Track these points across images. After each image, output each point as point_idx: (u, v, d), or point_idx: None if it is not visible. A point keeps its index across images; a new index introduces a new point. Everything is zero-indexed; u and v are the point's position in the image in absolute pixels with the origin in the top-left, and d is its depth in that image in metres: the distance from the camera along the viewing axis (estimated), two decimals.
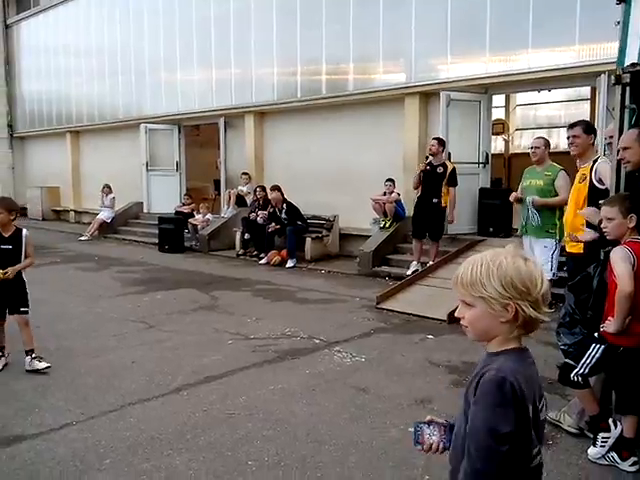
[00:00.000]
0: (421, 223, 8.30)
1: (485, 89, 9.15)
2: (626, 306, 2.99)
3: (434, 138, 8.46)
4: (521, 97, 15.58)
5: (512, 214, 8.73)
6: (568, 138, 4.71)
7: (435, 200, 8.17)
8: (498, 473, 1.38)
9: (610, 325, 3.09)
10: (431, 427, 1.60)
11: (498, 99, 12.25)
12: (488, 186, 9.44)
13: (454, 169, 8.17)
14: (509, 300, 1.39)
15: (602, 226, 3.30)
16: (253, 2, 11.91)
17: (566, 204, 5.61)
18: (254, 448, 3.40)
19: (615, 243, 3.22)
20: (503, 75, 8.53)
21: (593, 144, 4.77)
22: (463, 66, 9.09)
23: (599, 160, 4.45)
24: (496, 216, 8.67)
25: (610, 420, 3.31)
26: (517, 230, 8.08)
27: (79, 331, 5.88)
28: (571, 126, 4.73)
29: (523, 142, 17.01)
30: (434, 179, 8.14)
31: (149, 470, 3.14)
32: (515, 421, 1.35)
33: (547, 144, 6.11)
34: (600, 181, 4.34)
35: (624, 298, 2.97)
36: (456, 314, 1.52)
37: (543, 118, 16.78)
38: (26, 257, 4.73)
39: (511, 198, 6.39)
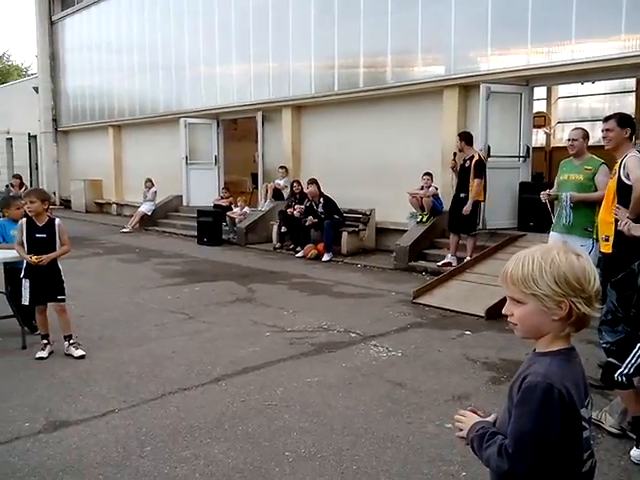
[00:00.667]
0: (453, 217, 8.29)
1: (526, 81, 8.97)
2: None
3: (458, 134, 8.36)
4: (563, 89, 15.19)
5: (553, 208, 8.55)
6: (603, 132, 4.51)
7: (462, 195, 8.11)
8: (537, 478, 1.37)
9: None
10: None
11: (539, 91, 11.98)
12: (529, 180, 9.27)
13: (479, 160, 8.04)
14: (563, 297, 1.35)
15: None
16: None
17: None
18: (291, 439, 3.44)
19: None
20: (545, 67, 8.35)
21: (631, 138, 4.46)
22: (504, 58, 8.93)
23: (629, 154, 4.26)
24: (537, 211, 8.48)
25: None
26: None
27: (121, 321, 6.03)
28: (606, 119, 4.51)
29: (565, 135, 16.60)
30: (463, 173, 8.11)
31: (189, 458, 3.21)
32: (562, 428, 1.33)
33: (586, 136, 5.67)
34: (628, 176, 4.20)
35: None
36: (504, 311, 1.48)
37: (586, 111, 16.34)
38: (62, 245, 4.90)
39: (542, 197, 5.80)
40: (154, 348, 5.14)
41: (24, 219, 4.88)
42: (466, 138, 8.24)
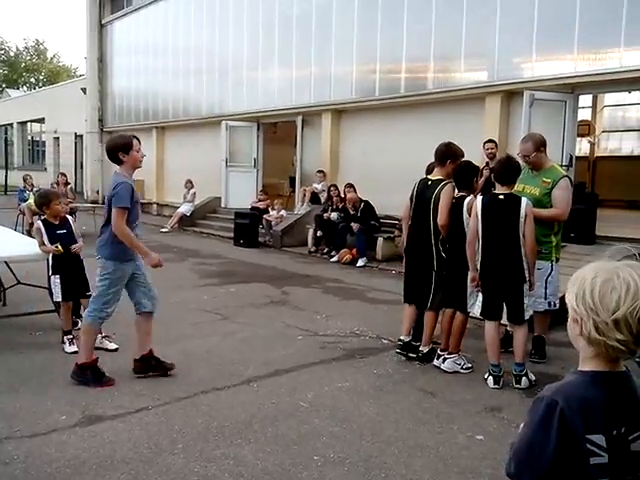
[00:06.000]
0: None
1: (572, 89, 8.77)
2: None
3: (491, 141, 8.23)
4: (610, 97, 14.84)
5: (595, 220, 8.36)
6: None
7: None
8: None
9: None
10: None
11: (584, 99, 11.72)
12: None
13: None
14: (576, 314, 1.34)
15: None
16: (335, 0, 11.99)
17: (562, 220, 4.89)
18: (320, 443, 3.44)
19: None
20: (592, 74, 8.16)
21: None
22: (549, 64, 8.77)
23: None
24: (578, 221, 8.29)
25: None
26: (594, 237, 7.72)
27: (159, 319, 6.04)
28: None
29: (610, 145, 16.22)
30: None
31: (218, 457, 3.24)
32: (559, 445, 1.30)
33: (540, 144, 4.90)
34: None
35: None
36: None
37: (633, 120, 15.92)
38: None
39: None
40: (189, 347, 5.22)
41: (39, 221, 5.07)
42: (497, 144, 8.21)
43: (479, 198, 4.59)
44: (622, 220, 10.15)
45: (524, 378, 4.45)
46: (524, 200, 4.41)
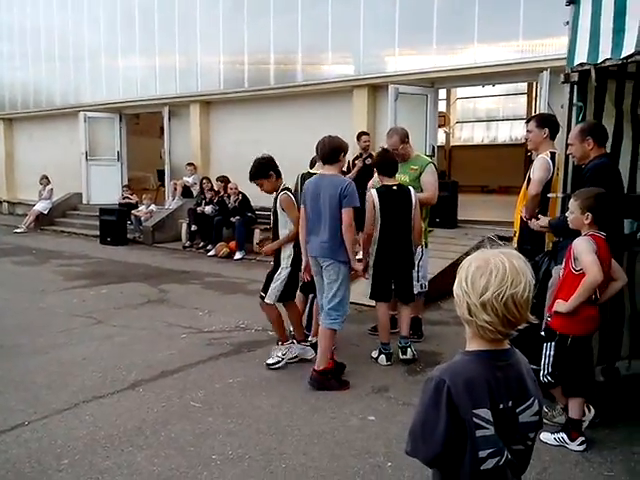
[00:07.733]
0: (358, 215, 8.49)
1: (432, 83, 9.31)
2: (590, 294, 3.17)
3: (365, 133, 8.52)
4: (462, 90, 15.96)
5: (457, 205, 8.98)
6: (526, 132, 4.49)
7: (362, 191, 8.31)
8: (428, 463, 1.49)
9: (563, 306, 3.24)
10: None
11: (440, 92, 12.52)
12: None
13: None
14: (457, 298, 1.45)
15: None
16: None
17: (433, 203, 5.25)
18: (217, 442, 3.38)
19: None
20: (450, 69, 8.71)
21: (551, 138, 4.23)
22: (411, 59, 9.24)
23: (540, 155, 4.21)
24: (442, 207, 8.84)
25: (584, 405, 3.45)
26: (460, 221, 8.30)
27: (24, 327, 5.64)
28: (527, 121, 4.50)
29: (463, 134, 17.53)
30: (365, 171, 8.27)
31: (110, 468, 3.07)
32: (449, 421, 1.39)
33: (404, 136, 5.19)
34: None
35: (593, 285, 3.14)
36: None
37: (482, 111, 17.32)
38: None
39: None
40: (62, 355, 4.87)
41: None
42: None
43: (373, 190, 4.77)
44: (478, 204, 11.02)
45: (409, 349, 4.77)
46: (412, 189, 4.79)
